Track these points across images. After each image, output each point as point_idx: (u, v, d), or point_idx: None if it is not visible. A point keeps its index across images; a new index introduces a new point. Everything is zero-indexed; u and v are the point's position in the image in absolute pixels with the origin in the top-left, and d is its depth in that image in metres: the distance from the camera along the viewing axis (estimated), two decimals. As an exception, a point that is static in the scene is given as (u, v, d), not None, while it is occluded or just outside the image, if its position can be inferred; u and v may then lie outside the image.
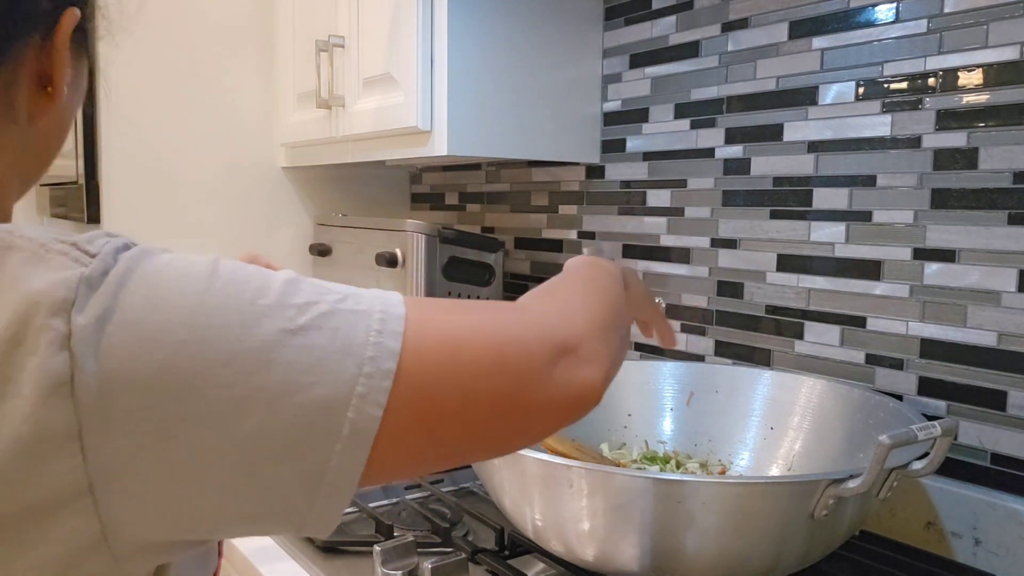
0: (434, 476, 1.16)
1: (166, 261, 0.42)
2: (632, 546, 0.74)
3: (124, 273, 0.39)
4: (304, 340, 0.40)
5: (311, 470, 0.40)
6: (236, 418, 0.38)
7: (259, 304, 0.40)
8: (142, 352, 0.37)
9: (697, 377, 1.14)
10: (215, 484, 0.39)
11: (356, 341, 0.41)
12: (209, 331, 0.39)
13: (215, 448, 0.38)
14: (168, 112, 1.60)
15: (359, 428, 0.40)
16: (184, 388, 0.38)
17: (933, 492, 0.94)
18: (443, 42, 1.21)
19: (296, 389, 0.39)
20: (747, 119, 1.16)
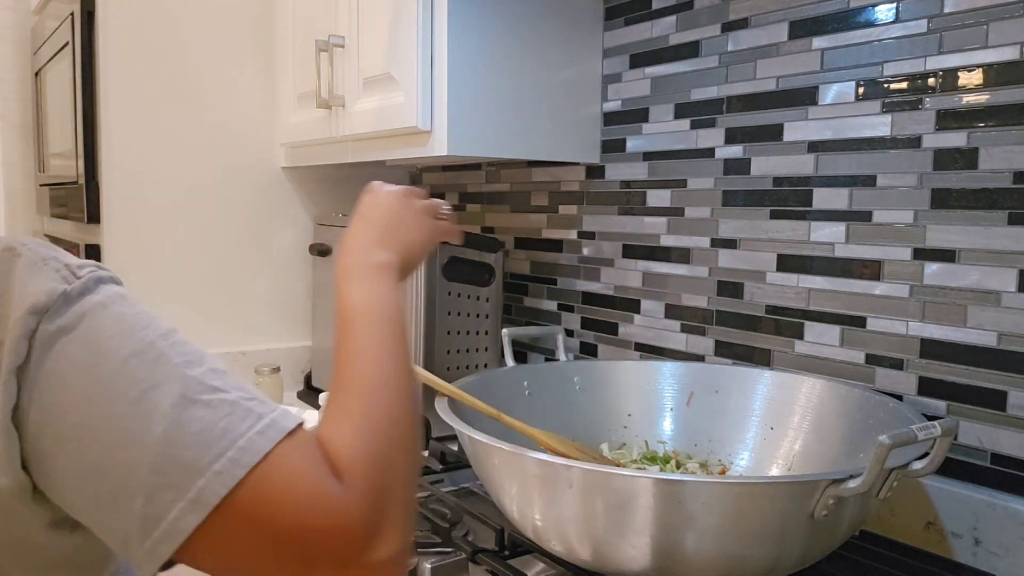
0: (434, 476, 1.16)
1: (135, 311, 0.52)
2: (632, 546, 0.74)
3: (97, 305, 0.50)
4: (196, 411, 0.49)
5: (153, 514, 0.47)
6: (119, 446, 0.47)
7: (183, 370, 0.50)
8: (81, 366, 0.48)
9: (697, 377, 1.14)
10: (87, 488, 0.48)
11: (238, 429, 0.49)
12: (135, 372, 0.49)
13: (96, 459, 0.48)
14: (168, 112, 1.60)
15: (203, 498, 0.47)
16: (95, 405, 0.48)
17: (933, 492, 0.94)
18: (443, 42, 1.21)
19: (172, 444, 0.47)
20: (747, 119, 1.16)
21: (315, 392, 1.57)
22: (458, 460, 1.20)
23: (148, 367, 0.49)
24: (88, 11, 1.56)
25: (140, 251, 1.60)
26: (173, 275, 1.63)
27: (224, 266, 1.69)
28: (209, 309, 1.68)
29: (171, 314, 1.63)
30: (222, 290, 1.69)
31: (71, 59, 1.61)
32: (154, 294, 1.61)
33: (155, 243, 1.61)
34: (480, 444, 0.82)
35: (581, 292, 1.47)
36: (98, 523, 0.50)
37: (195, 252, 1.65)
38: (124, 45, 1.56)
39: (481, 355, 1.43)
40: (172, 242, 1.63)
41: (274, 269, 1.75)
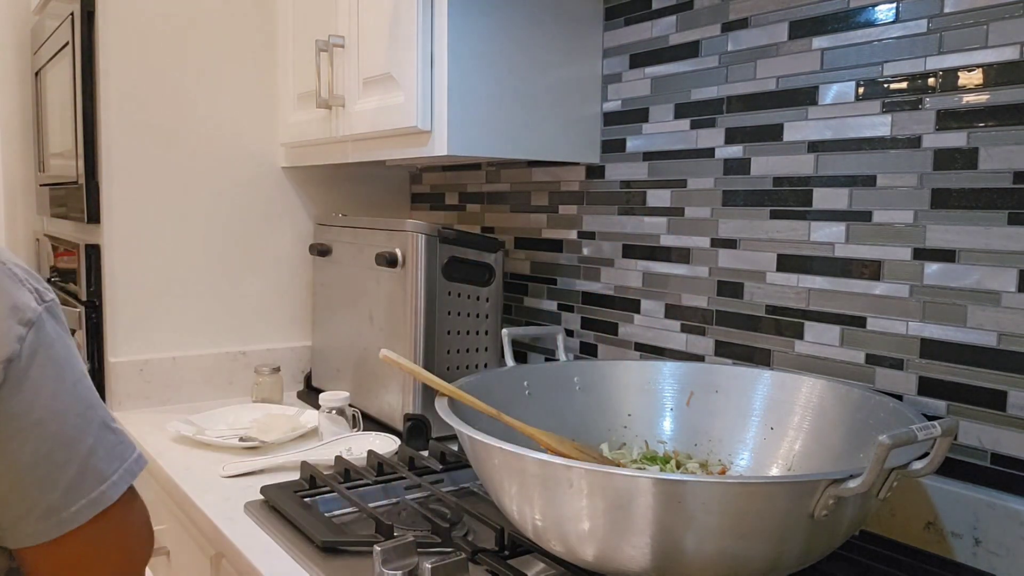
0: (434, 476, 1.16)
1: (71, 342, 0.67)
2: (632, 546, 0.74)
3: (57, 334, 0.65)
4: (108, 434, 0.67)
5: (59, 505, 0.63)
6: (60, 447, 0.63)
7: (98, 399, 0.69)
8: (49, 379, 0.62)
9: (697, 377, 1.14)
10: (20, 469, 0.61)
11: (126, 454, 0.69)
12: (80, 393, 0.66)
13: (40, 450, 0.62)
14: (168, 112, 1.60)
15: (101, 499, 0.65)
16: (52, 412, 0.62)
17: (933, 492, 0.94)
18: (443, 42, 1.21)
19: (93, 455, 0.65)
20: (747, 119, 1.16)
21: (315, 392, 1.57)
22: (458, 460, 1.20)
23: (86, 393, 0.66)
24: (88, 11, 1.56)
25: (140, 251, 1.60)
26: (173, 275, 1.63)
27: (224, 266, 1.69)
28: (209, 309, 1.67)
29: (171, 314, 1.65)
30: (222, 290, 1.69)
31: (71, 59, 1.61)
32: (154, 294, 1.61)
33: (155, 243, 1.61)
34: (480, 444, 0.82)
35: (581, 292, 1.47)
36: (3, 500, 0.62)
37: (195, 252, 1.65)
38: (124, 45, 1.56)
39: (481, 355, 1.43)
40: (172, 242, 1.63)
41: (274, 269, 1.75)
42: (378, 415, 1.46)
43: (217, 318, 1.68)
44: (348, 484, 1.12)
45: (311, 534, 0.96)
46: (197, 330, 1.66)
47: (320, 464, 1.19)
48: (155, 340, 1.61)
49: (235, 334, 1.71)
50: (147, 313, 1.60)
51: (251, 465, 1.24)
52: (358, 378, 1.52)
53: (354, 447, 1.28)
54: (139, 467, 0.70)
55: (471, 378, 1.07)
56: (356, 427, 1.38)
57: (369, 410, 1.47)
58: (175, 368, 1.62)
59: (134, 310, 1.59)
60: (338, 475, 1.16)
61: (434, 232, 1.36)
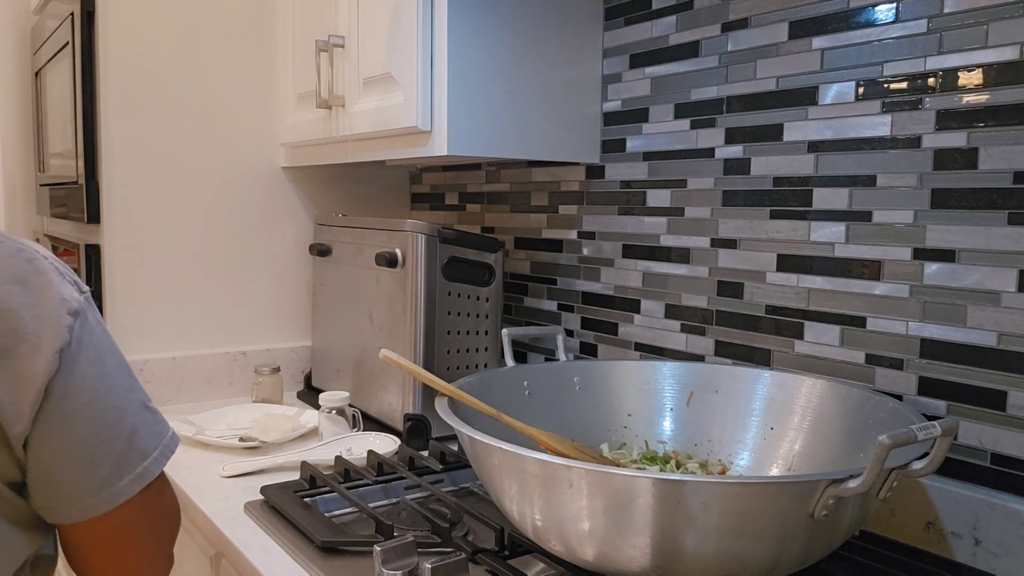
0: (434, 476, 1.16)
1: (109, 333, 0.73)
2: (632, 546, 0.74)
3: (97, 320, 0.70)
4: (147, 414, 0.73)
5: (110, 480, 0.68)
6: (105, 427, 0.68)
7: (137, 380, 0.74)
8: (93, 365, 0.68)
9: (697, 377, 1.14)
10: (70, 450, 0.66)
11: (163, 431, 0.74)
12: (121, 377, 0.71)
13: (88, 431, 0.67)
14: (168, 112, 1.60)
15: (146, 473, 0.71)
16: (98, 394, 0.68)
17: (933, 492, 0.94)
18: (443, 42, 1.21)
19: (135, 434, 0.70)
20: (747, 119, 1.16)
21: (315, 392, 1.57)
22: (458, 460, 1.20)
23: (127, 376, 0.72)
24: (88, 11, 1.56)
25: (140, 251, 1.60)
26: (173, 275, 1.63)
27: (224, 266, 1.69)
28: (209, 309, 1.67)
29: (171, 314, 1.65)
30: (222, 290, 1.69)
31: (71, 59, 1.61)
32: (154, 294, 1.61)
33: (155, 243, 1.61)
34: (480, 444, 0.82)
35: (581, 292, 1.47)
36: (61, 481, 0.67)
37: (195, 252, 1.65)
38: (124, 45, 1.56)
39: (481, 355, 1.43)
40: (172, 242, 1.63)
41: (274, 269, 1.75)
42: (378, 415, 1.46)
43: (217, 318, 1.68)
44: (348, 484, 1.12)
45: (311, 534, 0.96)
46: (197, 330, 1.66)
47: (320, 464, 1.19)
48: (155, 340, 1.61)
49: (235, 334, 1.71)
50: (147, 313, 1.60)
51: (251, 465, 1.24)
52: (358, 378, 1.52)
53: (354, 447, 1.28)
54: (175, 444, 0.74)
55: (471, 378, 1.07)
56: (356, 427, 1.38)
57: (369, 410, 1.47)
58: (175, 368, 1.62)
59: (134, 310, 1.59)
60: (338, 475, 1.16)
61: (434, 232, 1.36)
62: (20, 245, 0.66)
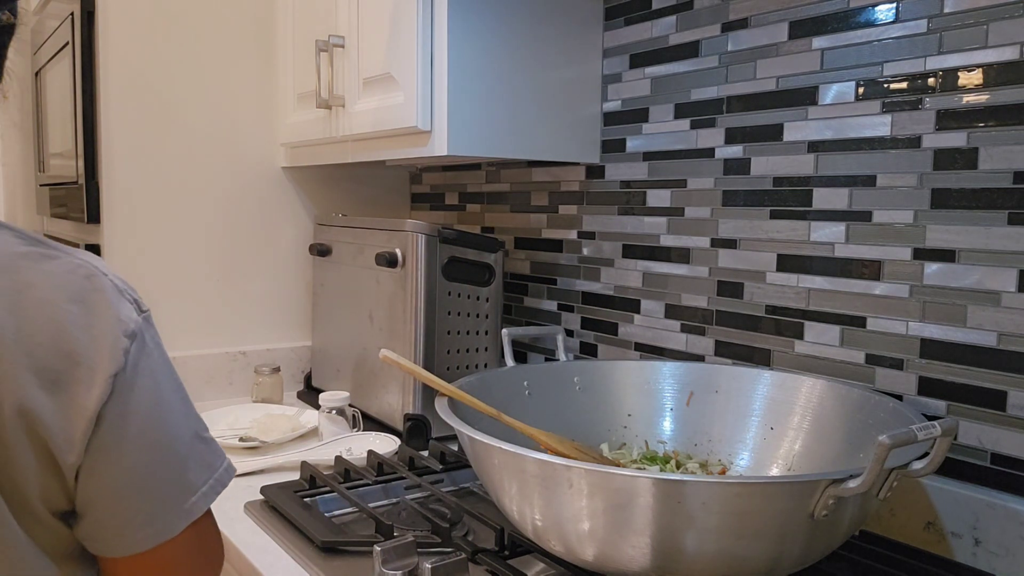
0: (434, 476, 1.16)
1: (167, 356, 0.67)
2: (632, 546, 0.74)
3: (154, 342, 0.65)
4: (200, 445, 0.67)
5: (156, 515, 0.63)
6: (156, 457, 0.63)
7: (192, 408, 0.68)
8: (150, 390, 0.63)
9: (697, 377, 1.14)
10: (118, 481, 0.62)
11: (216, 464, 0.68)
12: (177, 403, 0.66)
13: (138, 461, 0.62)
14: (168, 112, 1.60)
15: (192, 510, 0.65)
16: (153, 421, 0.63)
17: (933, 492, 0.94)
18: (443, 42, 1.21)
19: (184, 465, 0.65)
20: (747, 119, 1.16)
21: (315, 392, 1.57)
22: (458, 460, 1.20)
23: (182, 403, 0.66)
24: (88, 11, 1.56)
25: (140, 251, 1.60)
26: (173, 275, 1.63)
27: (224, 266, 1.69)
28: (209, 309, 1.67)
29: (171, 314, 1.64)
30: (222, 290, 1.69)
31: (71, 59, 1.61)
32: (154, 294, 1.61)
33: (155, 243, 1.61)
34: (480, 444, 0.82)
35: (581, 292, 1.47)
36: (108, 513, 0.62)
37: (195, 252, 1.65)
38: (124, 45, 1.56)
39: (481, 355, 1.43)
40: (172, 242, 1.63)
41: (274, 269, 1.75)
42: (378, 415, 1.46)
43: (217, 318, 1.68)
44: (348, 484, 1.12)
45: (311, 534, 0.96)
46: (197, 330, 1.66)
47: (320, 464, 1.19)
48: (155, 340, 1.61)
49: (235, 334, 1.71)
50: (147, 313, 1.60)
51: (251, 465, 1.24)
52: (358, 378, 1.52)
53: (354, 447, 1.28)
54: (228, 477, 0.69)
55: (471, 378, 1.07)
56: (356, 427, 1.38)
57: (369, 410, 1.47)
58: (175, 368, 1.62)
59: (134, 310, 1.59)
60: (338, 475, 1.16)
61: (434, 232, 1.36)
62: (79, 260, 0.63)
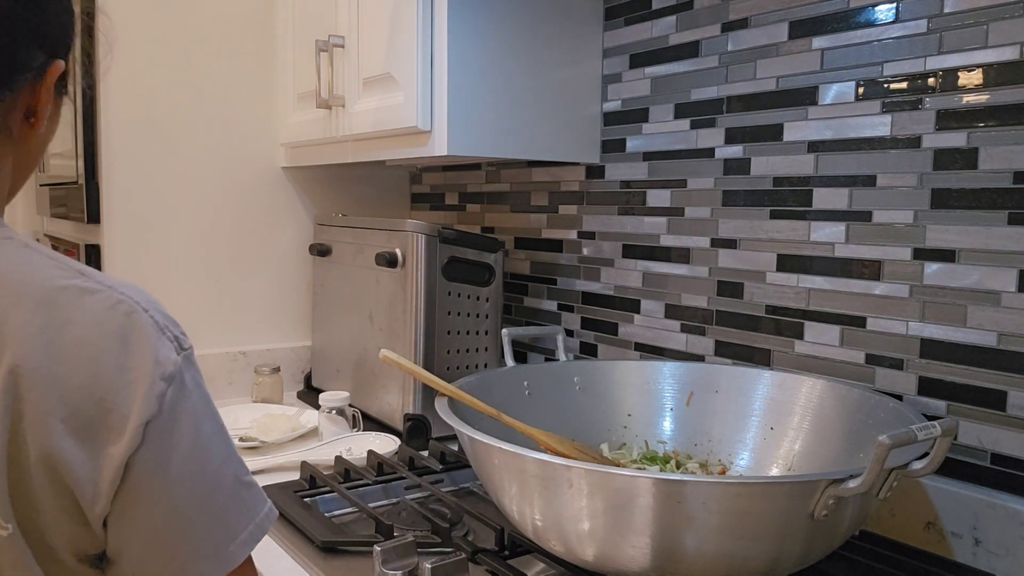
0: (434, 476, 1.16)
1: (206, 389, 0.64)
2: (632, 546, 0.74)
3: (195, 384, 0.61)
4: (242, 490, 0.62)
5: (191, 562, 0.59)
6: (193, 504, 0.59)
7: (234, 451, 0.63)
8: (187, 435, 0.59)
9: (697, 377, 1.14)
10: (152, 527, 0.58)
11: (257, 509, 0.63)
12: (217, 447, 0.61)
13: (173, 508, 0.58)
14: (168, 112, 1.60)
15: (230, 558, 0.60)
16: (190, 467, 0.59)
17: (933, 492, 0.94)
18: (443, 42, 1.21)
19: (224, 512, 0.60)
20: (747, 119, 1.16)
21: (315, 392, 1.57)
22: (458, 460, 1.20)
23: (223, 446, 0.62)
24: (88, 11, 1.56)
25: (140, 251, 1.60)
26: (173, 275, 1.63)
27: (224, 266, 1.69)
28: (209, 309, 1.67)
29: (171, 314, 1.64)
30: (222, 290, 1.69)
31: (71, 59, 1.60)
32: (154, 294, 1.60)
33: (155, 243, 1.61)
34: (480, 444, 0.82)
35: (581, 292, 1.47)
36: (140, 562, 0.59)
37: (195, 252, 1.65)
38: (124, 45, 1.55)
39: (481, 355, 1.43)
40: (172, 242, 1.63)
41: (274, 269, 1.75)
42: (378, 415, 1.46)
43: (217, 318, 1.68)
44: (348, 484, 1.12)
45: (311, 534, 0.96)
46: (197, 330, 1.66)
47: (320, 464, 1.19)
48: (155, 340, 1.61)
49: (235, 334, 1.71)
50: (147, 313, 1.60)
51: (251, 465, 1.23)
52: (358, 378, 1.52)
53: (354, 447, 1.28)
54: (269, 523, 0.64)
55: (471, 378, 1.07)
56: (356, 427, 1.38)
57: (369, 410, 1.47)
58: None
59: (134, 310, 1.59)
60: (338, 475, 1.16)
61: (434, 232, 1.36)
62: (120, 296, 0.59)
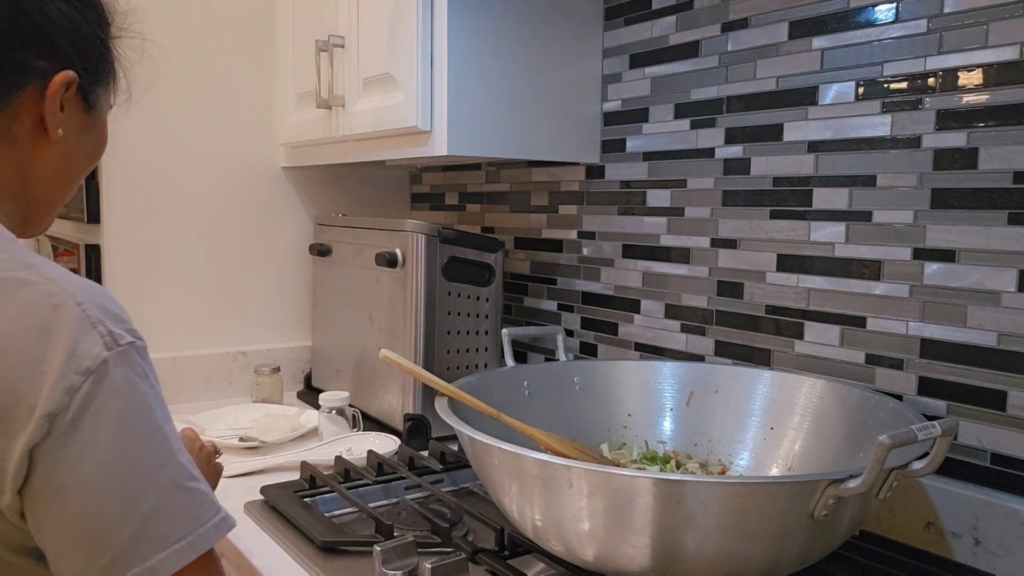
0: (434, 476, 1.16)
1: (152, 392, 0.60)
2: (632, 546, 0.74)
3: (126, 382, 0.58)
4: (179, 495, 0.59)
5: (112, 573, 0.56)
6: (112, 508, 0.56)
7: (177, 456, 0.60)
8: (107, 435, 0.56)
9: (697, 377, 1.14)
10: (68, 530, 0.56)
11: (202, 518, 0.60)
12: (146, 451, 0.58)
13: (87, 511, 0.56)
14: (168, 112, 1.60)
15: (158, 570, 0.57)
16: (107, 468, 0.56)
17: (933, 492, 0.94)
18: (443, 42, 1.21)
19: (153, 519, 0.57)
20: (747, 119, 1.16)
21: (315, 392, 1.57)
22: (458, 460, 1.20)
23: (156, 449, 0.59)
24: (88, 11, 1.56)
25: (140, 251, 1.60)
26: (173, 275, 1.63)
27: (224, 266, 1.69)
28: (209, 309, 1.67)
29: (171, 314, 1.65)
30: (222, 290, 1.69)
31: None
32: (154, 294, 1.61)
33: (155, 243, 1.61)
34: (480, 444, 0.82)
35: (581, 292, 1.47)
36: (60, 560, 0.57)
37: (195, 252, 1.65)
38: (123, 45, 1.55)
39: (481, 355, 1.43)
40: (172, 242, 1.63)
41: (274, 269, 1.75)
42: (378, 415, 1.46)
43: (217, 318, 1.68)
44: (348, 484, 1.12)
45: (311, 534, 0.96)
46: (197, 330, 1.66)
47: (320, 464, 1.19)
48: (155, 340, 1.60)
49: (235, 334, 1.71)
50: (147, 313, 1.60)
51: (251, 465, 1.24)
52: (358, 378, 1.52)
53: (354, 447, 1.28)
54: (218, 533, 0.61)
55: (471, 378, 1.07)
56: (356, 427, 1.38)
57: (369, 410, 1.47)
58: (175, 368, 1.62)
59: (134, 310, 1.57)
60: (338, 475, 1.16)
61: (434, 232, 1.36)
62: (54, 289, 0.58)
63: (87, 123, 0.72)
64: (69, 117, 0.69)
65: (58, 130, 0.68)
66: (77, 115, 0.70)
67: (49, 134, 0.67)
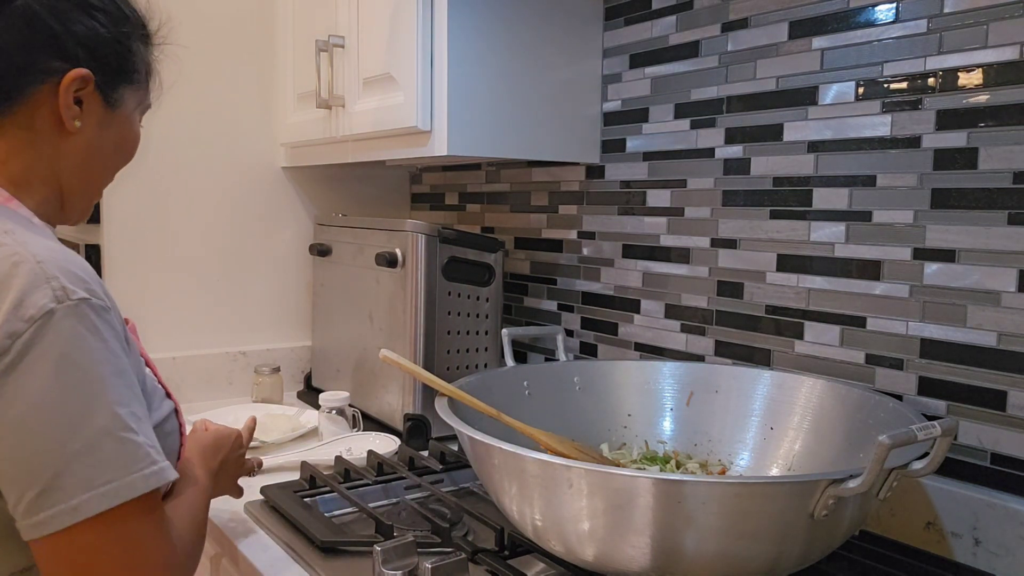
0: (434, 476, 1.16)
1: (102, 346, 0.63)
2: (632, 546, 0.74)
3: (72, 333, 0.61)
4: (109, 442, 0.62)
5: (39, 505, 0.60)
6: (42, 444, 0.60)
7: (114, 408, 0.63)
8: (44, 379, 0.60)
9: (697, 377, 1.14)
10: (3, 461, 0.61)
11: (132, 467, 0.62)
12: (81, 396, 0.62)
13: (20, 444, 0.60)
14: (168, 112, 1.60)
15: (81, 508, 0.60)
16: (41, 409, 0.60)
17: (933, 492, 0.94)
18: (443, 42, 1.21)
19: (80, 460, 0.60)
20: (747, 119, 1.16)
21: (315, 392, 1.57)
22: (458, 460, 1.20)
23: (91, 395, 0.62)
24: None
25: (140, 251, 1.60)
26: (173, 275, 1.63)
27: (224, 266, 1.69)
28: (209, 309, 1.67)
29: (171, 314, 1.64)
30: (222, 290, 1.69)
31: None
32: (153, 294, 1.61)
33: (155, 243, 1.61)
34: (480, 444, 0.82)
35: (581, 292, 1.47)
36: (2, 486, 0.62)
37: (195, 252, 1.65)
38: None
39: (481, 355, 1.43)
40: (172, 242, 1.63)
41: (274, 269, 1.75)
42: (378, 415, 1.46)
43: (217, 318, 1.68)
44: (348, 484, 1.12)
45: (311, 534, 0.96)
46: (197, 330, 1.66)
47: (320, 464, 1.19)
48: (155, 340, 1.61)
49: (235, 334, 1.71)
50: (147, 313, 1.60)
51: (251, 465, 1.24)
52: (358, 378, 1.52)
53: (354, 447, 1.28)
54: (147, 484, 0.63)
55: (471, 378, 1.07)
56: (356, 427, 1.38)
57: (369, 410, 1.47)
58: (175, 368, 1.62)
59: (134, 310, 1.59)
60: (338, 475, 1.16)
61: (434, 232, 1.36)
62: (18, 250, 0.63)
63: (107, 119, 0.78)
64: (88, 111, 0.75)
65: (75, 122, 0.73)
66: (96, 110, 0.76)
67: (66, 125, 0.73)
